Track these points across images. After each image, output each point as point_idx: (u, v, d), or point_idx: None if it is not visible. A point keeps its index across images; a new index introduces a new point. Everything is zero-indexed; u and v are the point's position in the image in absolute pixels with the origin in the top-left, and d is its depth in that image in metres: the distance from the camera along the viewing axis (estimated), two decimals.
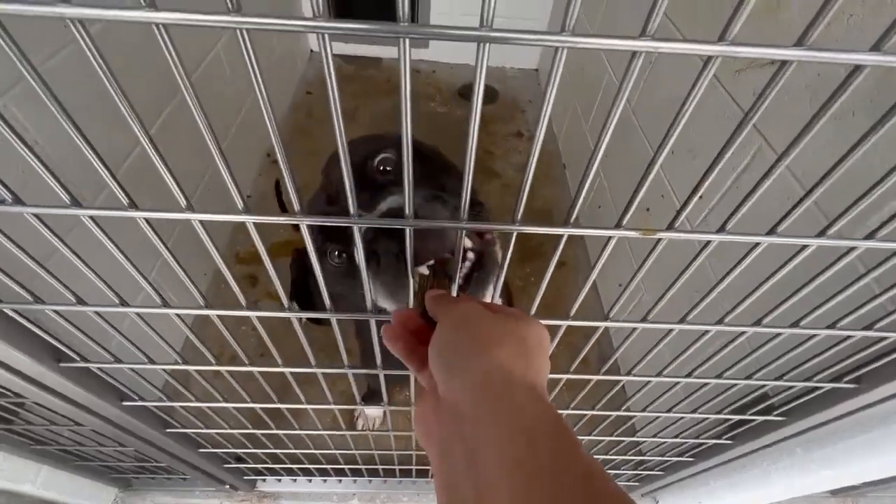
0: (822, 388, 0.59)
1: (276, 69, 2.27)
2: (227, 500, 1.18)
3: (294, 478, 1.15)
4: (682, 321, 0.45)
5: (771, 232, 0.33)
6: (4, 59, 0.23)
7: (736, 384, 0.59)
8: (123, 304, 0.43)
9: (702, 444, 0.82)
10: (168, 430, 0.75)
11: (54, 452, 0.91)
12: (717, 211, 1.05)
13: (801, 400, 0.64)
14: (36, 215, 0.33)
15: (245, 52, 0.23)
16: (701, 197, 0.30)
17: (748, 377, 0.58)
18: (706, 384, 0.60)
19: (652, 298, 1.19)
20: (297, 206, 0.32)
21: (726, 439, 0.79)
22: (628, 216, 0.32)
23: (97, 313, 0.45)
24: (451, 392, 0.29)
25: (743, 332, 0.46)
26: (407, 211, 0.32)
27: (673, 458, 0.91)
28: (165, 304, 0.42)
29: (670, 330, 0.46)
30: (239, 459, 0.99)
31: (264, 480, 1.16)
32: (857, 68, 0.24)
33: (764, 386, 0.59)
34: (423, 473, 1.11)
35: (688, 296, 0.43)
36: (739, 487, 0.97)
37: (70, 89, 0.91)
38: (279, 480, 1.16)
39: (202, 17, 0.22)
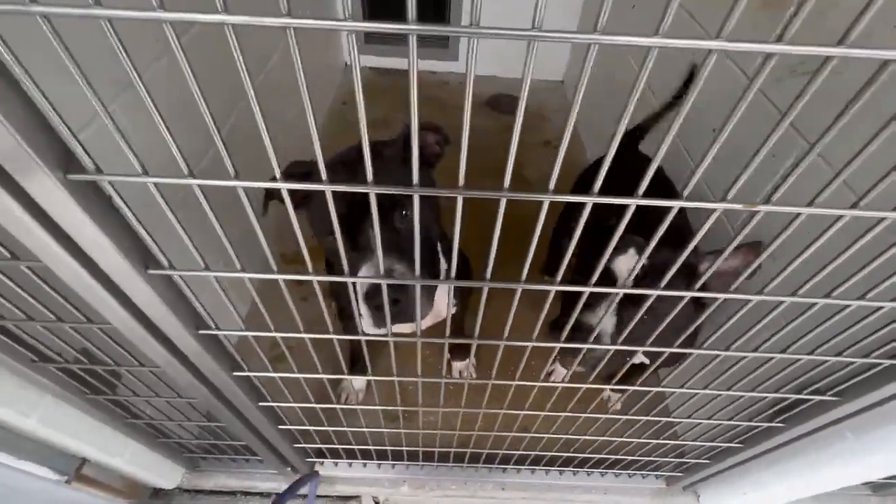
0: (879, 364, 0.64)
1: (314, 81, 2.40)
2: (285, 483, 1.24)
3: (350, 461, 1.21)
4: (759, 293, 0.51)
5: (854, 206, 0.39)
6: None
7: (799, 359, 0.64)
8: (276, 272, 0.50)
9: (754, 427, 0.86)
10: (261, 404, 0.82)
11: (142, 427, 0.99)
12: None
13: (855, 379, 0.69)
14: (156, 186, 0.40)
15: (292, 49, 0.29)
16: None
17: (810, 353, 0.63)
18: (768, 360, 0.66)
19: None
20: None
21: (778, 422, 0.83)
22: (734, 191, 0.38)
23: (250, 280, 0.52)
24: None
25: (814, 304, 0.52)
26: (415, 179, 0.38)
27: (723, 443, 0.95)
28: (242, 270, 0.50)
29: (747, 301, 0.52)
30: (306, 439, 1.06)
31: (322, 464, 1.22)
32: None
33: (825, 362, 0.64)
34: (474, 459, 1.16)
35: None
36: (785, 477, 1.00)
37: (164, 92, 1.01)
38: (336, 464, 1.22)
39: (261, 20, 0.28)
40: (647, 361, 1.07)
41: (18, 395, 0.73)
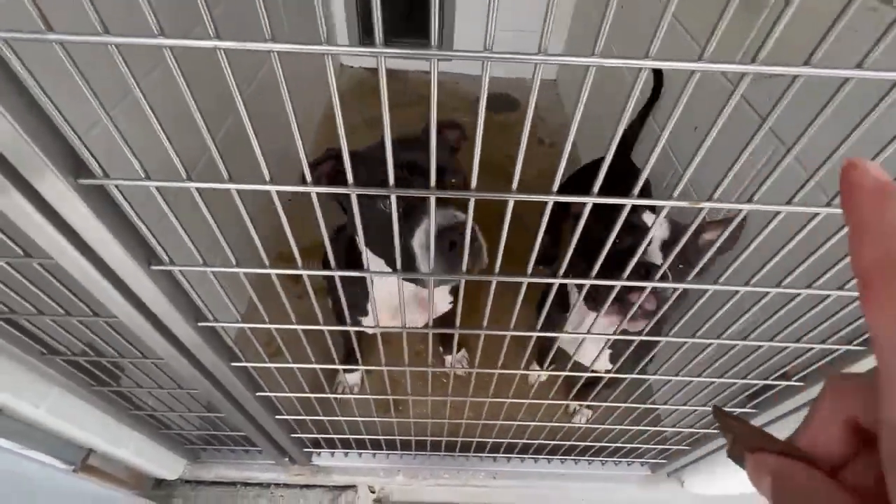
0: (836, 350, 0.68)
1: (310, 82, 2.43)
2: (283, 473, 1.29)
3: (346, 451, 1.26)
4: (715, 282, 0.55)
5: (789, 202, 0.43)
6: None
7: (760, 346, 0.68)
8: (269, 267, 0.54)
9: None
10: (258, 394, 0.86)
11: (144, 418, 1.03)
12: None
13: (816, 365, 0.73)
14: (157, 188, 0.44)
15: (277, 71, 0.34)
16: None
17: (770, 340, 0.67)
18: (733, 347, 0.70)
19: None
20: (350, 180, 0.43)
21: (750, 408, 0.88)
22: (679, 189, 0.43)
23: (245, 275, 0.56)
24: None
25: (766, 294, 0.56)
26: (432, 183, 0.42)
27: (702, 429, 1.00)
28: (237, 265, 0.54)
29: (705, 291, 0.56)
30: (303, 428, 1.10)
31: (319, 454, 1.27)
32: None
33: (785, 349, 0.69)
34: (465, 448, 1.20)
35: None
36: None
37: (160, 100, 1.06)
38: (332, 454, 1.27)
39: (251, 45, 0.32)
40: (610, 367, 1.11)
41: (30, 386, 0.77)
